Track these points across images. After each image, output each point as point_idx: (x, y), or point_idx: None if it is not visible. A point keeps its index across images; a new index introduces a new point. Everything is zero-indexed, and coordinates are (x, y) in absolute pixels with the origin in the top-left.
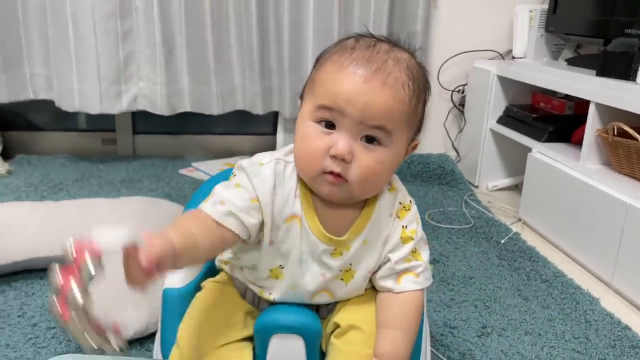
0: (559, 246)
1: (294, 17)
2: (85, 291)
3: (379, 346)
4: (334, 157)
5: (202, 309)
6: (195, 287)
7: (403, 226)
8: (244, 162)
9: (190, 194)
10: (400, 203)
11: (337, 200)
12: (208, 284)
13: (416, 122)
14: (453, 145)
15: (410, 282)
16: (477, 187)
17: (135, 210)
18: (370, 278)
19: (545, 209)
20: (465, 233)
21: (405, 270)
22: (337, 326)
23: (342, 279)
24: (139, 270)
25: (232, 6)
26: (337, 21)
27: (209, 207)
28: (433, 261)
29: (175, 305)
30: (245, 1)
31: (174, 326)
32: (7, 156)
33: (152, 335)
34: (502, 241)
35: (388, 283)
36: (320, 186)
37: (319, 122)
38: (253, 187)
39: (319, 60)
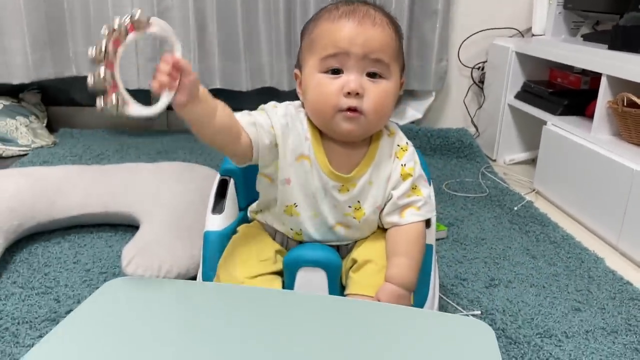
0: (570, 213)
1: None
2: (116, 49)
3: (389, 271)
4: (348, 94)
5: (239, 247)
6: (232, 231)
7: (402, 165)
8: (263, 105)
9: (220, 163)
10: (398, 145)
11: (355, 138)
12: (243, 228)
13: (402, 59)
14: (472, 121)
15: (413, 215)
16: (494, 161)
17: (174, 173)
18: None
19: (558, 178)
20: (480, 201)
21: (407, 205)
22: (354, 262)
23: (354, 217)
24: (167, 75)
25: None
26: None
27: (240, 115)
28: (448, 224)
29: (215, 245)
30: None
31: (214, 263)
32: (51, 129)
33: (191, 279)
34: (515, 208)
35: (393, 218)
36: (338, 125)
37: (326, 72)
38: (271, 120)
39: (306, 29)
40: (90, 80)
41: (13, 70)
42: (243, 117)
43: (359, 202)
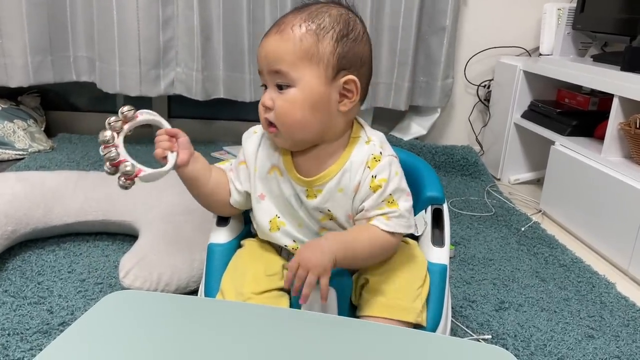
0: (578, 236)
1: None
2: (122, 128)
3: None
4: (264, 108)
5: (244, 261)
6: (237, 244)
7: (373, 176)
8: (244, 134)
9: None
10: (372, 154)
11: (293, 149)
12: (248, 241)
13: (326, 57)
14: (477, 139)
15: (381, 223)
16: (499, 180)
17: (175, 182)
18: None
19: (565, 200)
20: (486, 220)
21: (377, 215)
22: (366, 281)
23: (330, 219)
24: (167, 141)
25: None
26: (368, 17)
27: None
28: (454, 243)
29: (219, 258)
30: None
31: (218, 277)
32: (49, 134)
33: (191, 292)
34: (522, 229)
35: (361, 223)
36: (271, 138)
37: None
38: (243, 151)
39: None
40: (106, 158)
41: (13, 73)
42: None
43: (329, 210)
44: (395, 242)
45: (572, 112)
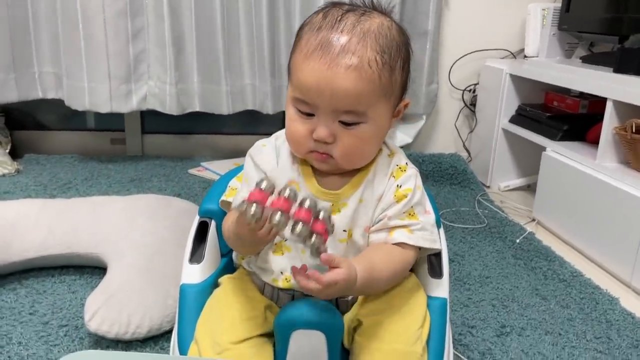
0: (574, 246)
1: (305, 15)
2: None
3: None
4: (317, 140)
5: (221, 304)
6: (213, 283)
7: (398, 185)
8: (250, 150)
9: (200, 193)
10: (397, 165)
11: (332, 171)
12: (226, 280)
13: (397, 89)
14: (464, 146)
15: (403, 236)
16: (488, 187)
17: (148, 208)
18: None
19: (560, 208)
20: (479, 232)
21: (399, 226)
22: (359, 323)
23: (347, 242)
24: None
25: (243, 4)
26: None
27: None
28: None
29: (192, 301)
30: (256, 0)
31: (192, 322)
32: (15, 155)
33: (165, 334)
34: (517, 241)
35: (381, 235)
36: (311, 161)
37: (298, 109)
38: (259, 167)
39: (297, 35)
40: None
41: None
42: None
43: (350, 223)
44: (415, 258)
45: (562, 116)
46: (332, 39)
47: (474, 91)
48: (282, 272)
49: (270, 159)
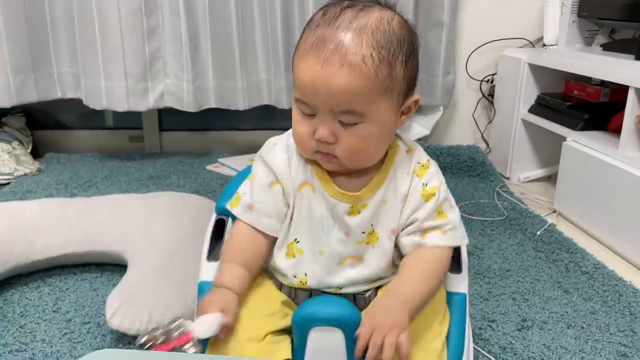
0: (597, 237)
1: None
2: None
3: (392, 284)
4: (318, 140)
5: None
6: None
7: (424, 184)
8: (260, 149)
9: (218, 190)
10: (418, 162)
11: (340, 171)
12: None
13: (399, 85)
14: (482, 137)
15: (436, 238)
16: (508, 178)
17: (165, 206)
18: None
19: (581, 199)
20: (499, 225)
21: (432, 228)
22: None
23: (367, 243)
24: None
25: (257, 1)
26: None
27: (242, 214)
28: (467, 254)
29: None
30: None
31: None
32: (36, 155)
33: None
34: (538, 233)
35: (414, 238)
36: (319, 161)
37: (301, 110)
38: (270, 167)
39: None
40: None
41: None
42: (252, 219)
43: (372, 225)
44: (451, 254)
45: (583, 105)
46: (327, 37)
47: (492, 81)
48: (295, 276)
49: (280, 159)
